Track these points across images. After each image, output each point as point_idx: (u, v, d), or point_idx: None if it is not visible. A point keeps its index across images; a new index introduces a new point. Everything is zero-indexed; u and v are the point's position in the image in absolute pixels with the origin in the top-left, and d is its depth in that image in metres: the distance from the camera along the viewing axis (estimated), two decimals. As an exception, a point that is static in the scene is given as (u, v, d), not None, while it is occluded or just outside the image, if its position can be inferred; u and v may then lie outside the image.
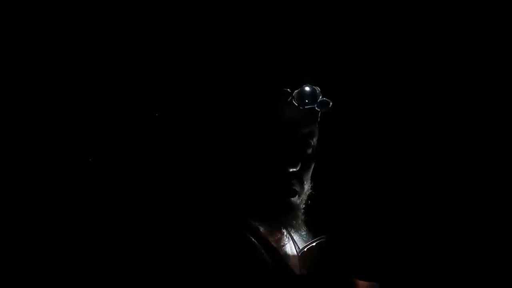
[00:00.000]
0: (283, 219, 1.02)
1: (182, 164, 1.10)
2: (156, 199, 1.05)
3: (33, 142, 1.23)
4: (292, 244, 1.08)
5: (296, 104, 0.98)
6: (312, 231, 1.13)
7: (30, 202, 1.20)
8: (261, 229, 1.01)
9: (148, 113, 1.18)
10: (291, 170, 0.97)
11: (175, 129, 1.14)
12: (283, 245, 1.07)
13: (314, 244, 1.04)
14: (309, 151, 1.02)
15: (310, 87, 0.98)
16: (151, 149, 1.21)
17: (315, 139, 1.04)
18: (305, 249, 1.04)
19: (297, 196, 1.01)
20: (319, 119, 1.07)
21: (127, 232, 1.03)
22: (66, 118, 1.24)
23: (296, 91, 0.98)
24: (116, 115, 1.25)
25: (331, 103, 1.02)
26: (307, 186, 1.04)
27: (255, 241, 0.97)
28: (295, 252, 1.07)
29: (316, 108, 1.00)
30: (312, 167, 1.05)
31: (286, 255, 1.05)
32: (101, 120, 1.24)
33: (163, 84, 1.22)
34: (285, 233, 1.09)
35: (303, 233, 1.13)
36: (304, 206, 1.05)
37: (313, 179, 1.07)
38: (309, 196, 1.06)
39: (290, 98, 0.98)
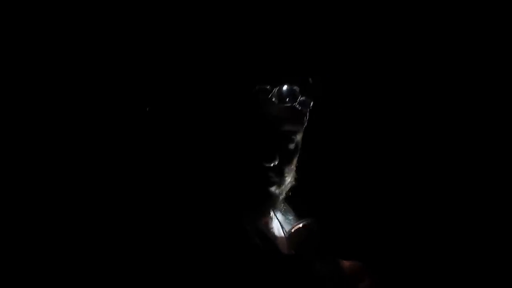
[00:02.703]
0: (263, 207, 1.09)
1: (168, 160, 1.12)
2: (147, 193, 1.07)
3: (32, 141, 1.26)
4: (280, 227, 1.15)
5: (276, 102, 1.03)
6: (299, 216, 1.20)
7: (29, 201, 1.22)
8: (251, 215, 1.08)
9: (138, 112, 1.21)
10: (268, 164, 1.02)
11: (159, 128, 1.17)
12: (271, 228, 1.14)
13: (300, 225, 1.11)
14: (291, 146, 1.07)
15: (288, 86, 1.03)
16: (140, 147, 1.23)
17: (299, 136, 1.09)
18: (292, 230, 1.10)
19: (275, 187, 1.06)
20: (307, 117, 1.11)
21: (121, 225, 1.04)
22: (66, 118, 1.27)
23: (275, 89, 1.02)
24: (107, 116, 1.27)
25: (312, 103, 1.08)
26: (289, 178, 1.10)
27: (244, 224, 1.04)
28: (283, 234, 1.13)
29: (298, 107, 1.05)
30: (295, 161, 1.11)
31: (274, 237, 1.13)
32: (98, 119, 1.27)
33: (150, 84, 1.24)
34: (273, 217, 1.15)
35: (290, 217, 1.20)
36: (284, 196, 1.12)
37: (299, 171, 1.13)
38: (292, 187, 1.12)
39: (270, 95, 1.02)
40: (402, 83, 1.49)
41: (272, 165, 1.02)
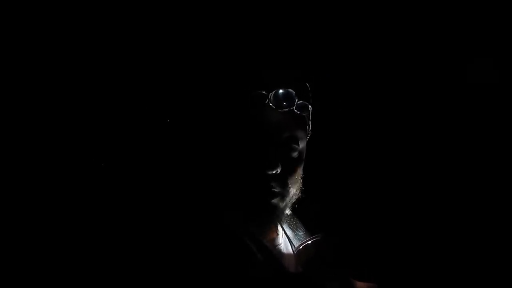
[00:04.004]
0: (266, 221, 1.03)
1: (168, 169, 1.10)
2: (149, 204, 1.05)
3: (37, 144, 1.26)
4: (288, 243, 1.10)
5: (274, 107, 0.97)
6: (309, 231, 1.13)
7: (32, 203, 1.22)
8: (255, 229, 1.02)
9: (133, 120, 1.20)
10: (270, 172, 0.96)
11: (158, 137, 1.15)
12: (278, 244, 1.08)
13: (309, 242, 1.04)
14: (294, 154, 1.01)
15: (284, 89, 0.97)
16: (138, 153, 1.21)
17: (302, 144, 1.03)
18: (301, 247, 1.04)
19: (279, 198, 1.00)
20: (310, 124, 1.07)
21: (124, 237, 1.03)
22: (66, 119, 1.27)
23: (271, 93, 0.97)
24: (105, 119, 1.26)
25: (310, 106, 1.02)
26: (293, 189, 1.03)
27: (247, 240, 0.98)
28: (291, 251, 1.06)
29: (296, 111, 0.99)
30: (299, 171, 1.04)
31: (281, 254, 1.06)
32: (98, 122, 1.25)
33: (150, 90, 1.23)
34: (280, 233, 1.08)
35: (300, 233, 1.15)
36: (290, 208, 1.06)
37: (306, 181, 1.07)
38: (299, 199, 1.06)
39: (267, 100, 0.97)
40: (402, 84, 1.44)
41: (274, 173, 0.96)
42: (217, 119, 1.00)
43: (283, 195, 1.00)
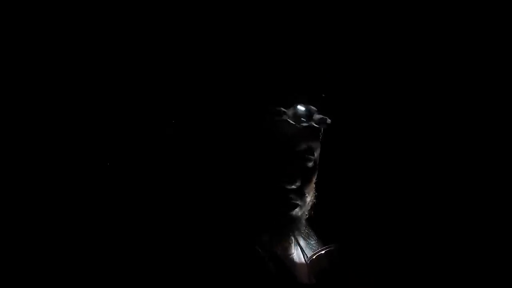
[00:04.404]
0: (284, 231, 1.02)
1: (183, 179, 1.11)
2: (163, 213, 1.03)
3: (37, 144, 1.26)
4: (300, 253, 1.08)
5: (293, 123, 0.97)
6: (322, 240, 1.11)
7: (32, 202, 1.22)
8: (268, 239, 1.00)
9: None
10: (289, 187, 0.97)
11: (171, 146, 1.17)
12: (291, 254, 1.06)
13: (323, 252, 1.02)
14: (310, 164, 1.01)
15: (303, 106, 0.96)
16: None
17: (316, 153, 1.03)
18: (314, 257, 1.02)
19: (298, 209, 1.00)
20: (322, 134, 1.06)
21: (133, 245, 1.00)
22: (67, 119, 1.27)
23: (289, 110, 0.96)
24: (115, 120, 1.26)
25: (329, 120, 1.01)
26: (309, 198, 1.03)
27: (259, 250, 0.97)
28: (304, 260, 1.04)
29: (315, 125, 0.98)
30: (314, 179, 1.04)
31: (293, 263, 1.04)
32: (104, 122, 1.26)
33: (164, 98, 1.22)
34: (293, 242, 1.07)
35: (312, 242, 1.13)
36: (306, 217, 1.05)
37: (318, 189, 1.06)
38: (313, 207, 1.05)
39: (285, 116, 0.97)
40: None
41: (293, 187, 0.97)
42: (235, 134, 1.01)
43: (301, 205, 1.00)
